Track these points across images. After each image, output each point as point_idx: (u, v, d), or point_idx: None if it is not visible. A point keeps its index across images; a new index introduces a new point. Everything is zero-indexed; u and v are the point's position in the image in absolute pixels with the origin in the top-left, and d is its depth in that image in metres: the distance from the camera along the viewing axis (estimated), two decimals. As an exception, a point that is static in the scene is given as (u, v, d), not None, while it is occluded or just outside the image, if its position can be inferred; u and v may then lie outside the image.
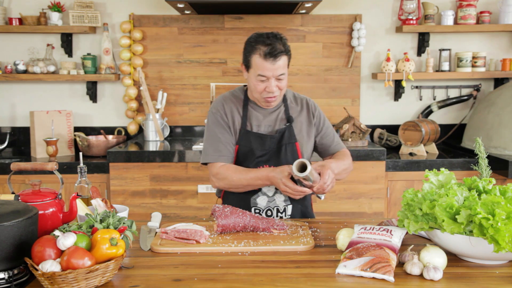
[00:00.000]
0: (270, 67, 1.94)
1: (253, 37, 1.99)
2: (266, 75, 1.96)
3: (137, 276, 1.42)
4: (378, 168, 3.21)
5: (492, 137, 3.29)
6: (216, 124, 2.08)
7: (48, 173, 2.89)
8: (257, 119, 2.10)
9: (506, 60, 3.67)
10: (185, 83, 3.76)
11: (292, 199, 2.09)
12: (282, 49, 1.95)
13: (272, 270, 1.45)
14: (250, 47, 1.99)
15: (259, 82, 1.99)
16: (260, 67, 1.96)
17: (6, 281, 1.30)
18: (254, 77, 2.00)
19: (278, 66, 1.95)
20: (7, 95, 3.76)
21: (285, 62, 1.98)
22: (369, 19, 3.75)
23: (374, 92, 3.83)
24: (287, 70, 2.03)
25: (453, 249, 1.48)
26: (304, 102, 2.18)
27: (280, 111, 2.12)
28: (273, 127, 2.10)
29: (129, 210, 1.85)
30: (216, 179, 2.03)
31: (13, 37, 3.71)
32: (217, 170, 2.02)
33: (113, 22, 3.72)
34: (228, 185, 2.01)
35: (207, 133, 2.10)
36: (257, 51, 1.96)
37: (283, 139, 2.07)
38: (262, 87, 2.00)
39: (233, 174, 1.98)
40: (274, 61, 1.94)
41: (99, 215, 1.47)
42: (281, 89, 2.03)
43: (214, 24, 3.71)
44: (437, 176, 1.60)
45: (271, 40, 1.95)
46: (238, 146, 2.08)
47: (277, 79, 1.98)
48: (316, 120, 2.17)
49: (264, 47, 1.94)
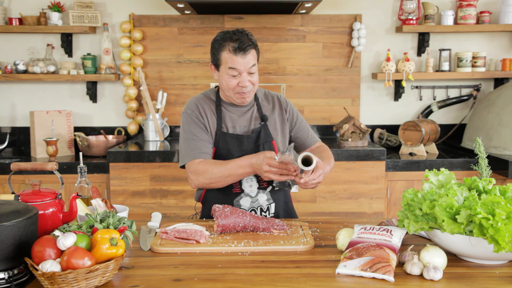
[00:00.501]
0: (240, 61, 1.96)
1: (219, 35, 2.01)
2: (237, 68, 1.97)
3: (137, 276, 1.42)
4: (378, 168, 3.21)
5: (492, 137, 3.29)
6: (191, 124, 2.06)
7: (48, 173, 2.89)
8: (232, 120, 2.09)
9: (506, 60, 3.67)
10: (185, 83, 3.76)
11: (274, 198, 2.09)
12: (249, 42, 1.98)
13: (272, 270, 1.45)
14: (218, 45, 2.00)
15: (231, 78, 1.99)
16: (230, 62, 1.97)
17: (6, 281, 1.30)
18: (225, 74, 2.00)
19: (248, 60, 1.97)
20: (7, 95, 3.76)
21: (254, 55, 2.00)
22: (369, 19, 3.75)
23: (374, 92, 3.83)
24: (257, 65, 2.04)
25: (453, 249, 1.48)
26: (276, 98, 2.19)
27: (253, 110, 2.13)
28: (248, 127, 2.10)
29: (129, 210, 1.85)
30: (195, 176, 1.97)
31: (13, 37, 3.71)
32: (195, 167, 1.98)
33: (113, 22, 3.72)
34: (209, 179, 1.95)
35: (183, 134, 2.07)
36: (226, 47, 1.97)
37: (259, 139, 2.07)
38: (234, 83, 2.00)
39: (213, 167, 1.94)
40: (244, 54, 1.95)
41: (99, 215, 1.47)
42: (254, 84, 2.03)
43: (214, 24, 3.71)
44: (437, 176, 1.60)
45: (237, 35, 1.97)
46: (215, 149, 2.06)
47: (249, 74, 1.99)
48: (289, 115, 2.18)
49: (232, 43, 1.96)
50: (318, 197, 3.22)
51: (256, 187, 2.07)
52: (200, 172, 1.95)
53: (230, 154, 2.04)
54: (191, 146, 2.02)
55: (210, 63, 2.08)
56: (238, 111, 2.11)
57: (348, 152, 3.20)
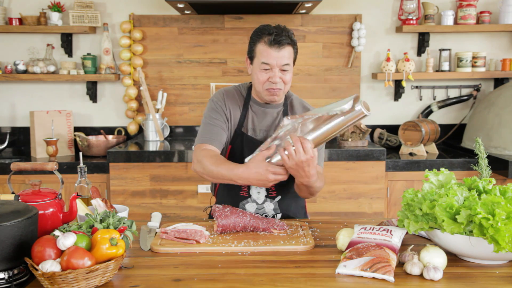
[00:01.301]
0: (274, 54, 1.90)
1: (259, 28, 1.97)
2: (269, 63, 1.91)
3: (137, 276, 1.42)
4: (378, 168, 3.21)
5: (492, 137, 3.29)
6: (212, 111, 2.03)
7: (48, 173, 2.89)
8: (253, 122, 2.05)
9: (506, 60, 3.67)
10: (185, 83, 3.76)
11: (281, 207, 2.04)
12: (287, 39, 1.92)
13: (272, 270, 1.45)
14: (255, 37, 1.96)
15: (262, 71, 1.94)
16: (263, 55, 1.92)
17: (6, 281, 1.30)
18: (257, 67, 1.95)
19: (282, 55, 1.91)
20: (7, 95, 3.76)
21: (290, 53, 1.94)
22: (369, 19, 3.75)
23: (374, 92, 3.83)
24: (293, 65, 1.98)
25: (453, 249, 1.48)
26: (308, 109, 2.11)
27: (278, 116, 2.06)
28: (268, 132, 2.04)
29: (129, 210, 1.85)
30: (195, 161, 1.93)
31: (13, 37, 3.71)
32: (199, 153, 1.92)
33: (113, 22, 3.72)
34: (202, 171, 1.89)
35: (203, 119, 2.05)
36: (262, 39, 1.92)
37: None
38: (265, 77, 1.94)
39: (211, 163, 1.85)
40: (279, 48, 1.90)
41: (99, 215, 1.47)
42: (285, 83, 1.97)
43: (214, 24, 3.71)
44: (437, 176, 1.60)
45: (276, 29, 1.92)
46: (231, 146, 2.05)
47: (281, 70, 1.93)
48: None
49: (269, 36, 1.91)
50: (318, 197, 3.22)
51: (263, 195, 2.03)
52: (199, 160, 1.90)
53: (243, 157, 1.99)
54: (205, 130, 2.00)
55: (246, 57, 2.03)
56: (263, 113, 2.05)
57: (348, 152, 3.20)
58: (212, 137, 1.98)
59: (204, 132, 2.00)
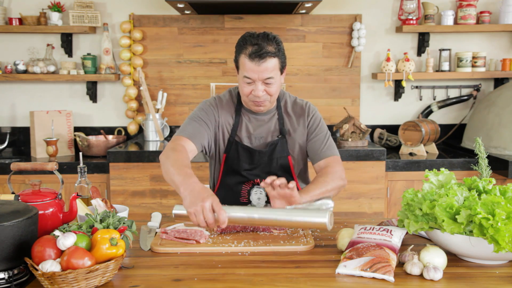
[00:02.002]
0: (255, 68, 1.80)
1: (243, 37, 1.87)
2: (251, 77, 1.83)
3: (137, 276, 1.42)
4: (378, 168, 3.21)
5: (492, 137, 3.29)
6: (202, 111, 1.95)
7: (48, 173, 2.89)
8: (248, 130, 1.99)
9: (506, 60, 3.67)
10: (185, 83, 3.76)
11: None
12: (271, 50, 1.81)
13: (272, 270, 1.45)
14: (239, 46, 1.87)
15: (245, 84, 1.86)
16: (245, 68, 1.83)
17: (6, 281, 1.30)
18: (241, 79, 1.87)
19: (264, 68, 1.80)
20: (7, 95, 3.76)
21: (274, 64, 1.83)
22: (369, 19, 3.75)
23: (374, 92, 3.83)
24: (280, 74, 1.88)
25: (453, 249, 1.48)
26: (302, 108, 2.04)
27: (274, 121, 2.00)
28: (266, 139, 1.99)
29: (129, 210, 1.85)
30: (164, 150, 1.80)
31: (13, 37, 3.71)
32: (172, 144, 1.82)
33: (113, 22, 3.72)
34: (162, 166, 1.76)
35: (190, 115, 1.97)
36: (244, 50, 1.83)
37: (274, 153, 1.97)
38: (248, 90, 1.87)
39: (169, 163, 1.69)
40: (259, 62, 1.80)
41: (99, 215, 1.47)
42: (271, 95, 1.88)
43: (214, 24, 3.71)
44: (437, 176, 1.60)
45: (260, 39, 1.82)
46: (226, 155, 1.99)
47: (265, 83, 1.84)
48: (309, 125, 2.01)
49: (251, 47, 1.81)
50: (318, 197, 3.22)
51: (264, 200, 2.00)
52: (165, 152, 1.78)
53: (240, 165, 1.98)
54: (190, 125, 1.92)
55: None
56: (257, 121, 1.99)
57: (348, 152, 3.20)
58: (195, 134, 1.89)
59: (188, 127, 1.90)
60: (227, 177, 2.04)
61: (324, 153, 1.97)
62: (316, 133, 2.01)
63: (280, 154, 1.98)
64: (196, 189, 1.53)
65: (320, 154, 1.97)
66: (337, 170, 1.91)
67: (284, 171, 2.01)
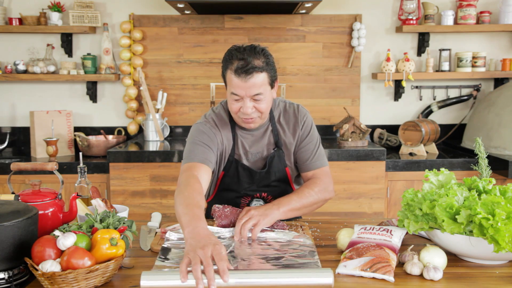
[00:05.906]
0: (241, 84, 1.71)
1: (229, 50, 1.77)
2: (238, 94, 1.74)
3: (137, 276, 1.41)
4: (378, 168, 3.21)
5: (492, 137, 3.29)
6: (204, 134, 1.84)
7: (48, 173, 2.89)
8: (243, 147, 1.92)
9: (506, 60, 3.67)
10: (185, 83, 3.76)
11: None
12: (259, 65, 1.71)
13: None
14: (225, 61, 1.78)
15: (233, 101, 1.77)
16: (232, 84, 1.74)
17: (6, 281, 1.30)
18: (229, 95, 1.78)
19: (251, 84, 1.71)
20: (7, 95, 3.76)
21: (262, 79, 1.73)
22: (369, 19, 3.75)
23: (374, 92, 3.83)
24: (270, 89, 1.79)
25: (453, 249, 1.48)
26: (294, 113, 1.96)
27: (267, 135, 1.93)
28: (262, 154, 1.93)
29: (129, 210, 1.85)
30: (178, 183, 1.69)
31: (13, 37, 3.71)
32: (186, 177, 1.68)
33: (113, 22, 3.72)
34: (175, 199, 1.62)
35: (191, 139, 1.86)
36: (230, 66, 1.74)
37: (272, 167, 1.92)
38: (237, 107, 1.78)
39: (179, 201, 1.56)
40: (246, 77, 1.70)
41: (99, 215, 1.47)
42: (261, 112, 1.79)
43: (214, 24, 3.71)
44: (437, 176, 1.60)
45: (247, 53, 1.72)
46: (224, 173, 1.93)
47: (253, 99, 1.75)
48: (302, 130, 1.94)
49: (237, 62, 1.72)
50: (318, 197, 3.22)
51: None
52: (178, 187, 1.66)
53: (240, 185, 1.94)
54: (195, 149, 1.81)
55: None
56: (252, 136, 1.92)
57: (348, 152, 3.20)
58: (206, 157, 1.78)
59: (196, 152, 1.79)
60: (223, 192, 2.02)
61: (314, 164, 1.94)
62: (306, 141, 1.95)
63: (278, 167, 1.94)
64: (201, 234, 1.37)
65: (309, 165, 1.94)
66: (325, 182, 1.91)
67: (282, 182, 1.99)
